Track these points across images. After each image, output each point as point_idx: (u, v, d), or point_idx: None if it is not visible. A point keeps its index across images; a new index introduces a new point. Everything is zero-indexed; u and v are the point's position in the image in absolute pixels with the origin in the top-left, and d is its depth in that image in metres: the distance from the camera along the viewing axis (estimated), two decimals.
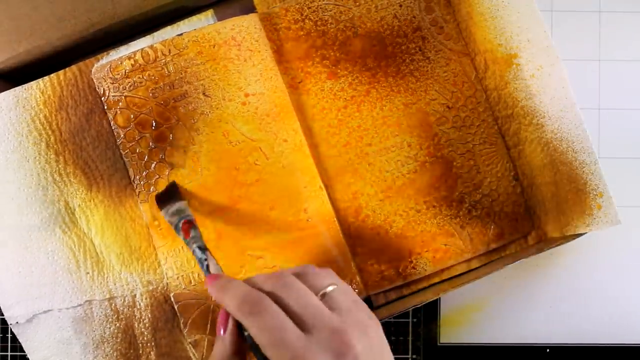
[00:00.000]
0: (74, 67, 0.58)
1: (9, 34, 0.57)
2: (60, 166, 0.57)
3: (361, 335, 0.42)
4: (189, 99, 0.57)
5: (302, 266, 0.47)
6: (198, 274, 0.57)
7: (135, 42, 0.58)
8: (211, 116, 0.57)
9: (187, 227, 0.53)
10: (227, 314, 0.45)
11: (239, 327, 0.44)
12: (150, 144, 0.57)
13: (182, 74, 0.57)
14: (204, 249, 0.51)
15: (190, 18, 0.59)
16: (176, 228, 0.53)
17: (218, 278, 0.47)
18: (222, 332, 0.45)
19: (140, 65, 0.57)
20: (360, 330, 0.42)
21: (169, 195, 0.56)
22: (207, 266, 0.50)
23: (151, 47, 0.57)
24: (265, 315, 0.42)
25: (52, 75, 0.58)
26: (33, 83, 0.57)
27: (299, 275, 0.46)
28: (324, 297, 0.44)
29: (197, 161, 0.57)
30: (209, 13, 0.59)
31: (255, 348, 0.42)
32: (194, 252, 0.51)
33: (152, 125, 0.57)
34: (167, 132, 0.57)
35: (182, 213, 0.54)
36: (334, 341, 0.41)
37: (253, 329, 0.42)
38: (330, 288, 0.45)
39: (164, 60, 0.57)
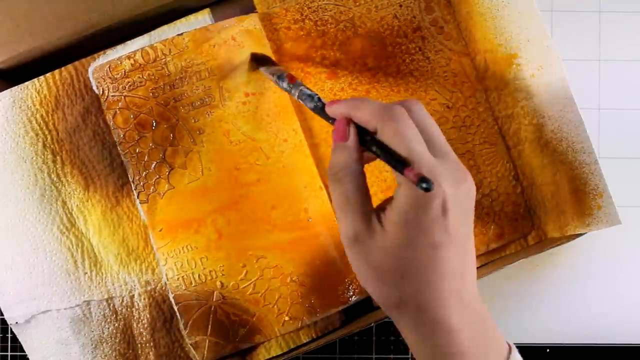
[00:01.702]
0: (69, 67, 0.58)
1: (9, 34, 0.57)
2: (57, 166, 0.57)
3: (470, 178, 0.43)
4: (190, 99, 0.57)
5: (412, 100, 0.46)
6: (199, 275, 0.57)
7: (131, 41, 0.58)
8: (212, 116, 0.57)
9: (290, 75, 0.52)
10: (346, 123, 0.45)
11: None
12: (151, 144, 0.57)
13: (182, 73, 0.57)
14: (310, 91, 0.50)
15: (187, 17, 0.58)
16: (280, 78, 0.53)
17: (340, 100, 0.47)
18: (343, 139, 0.45)
19: (140, 64, 0.57)
20: (470, 174, 0.44)
21: (266, 61, 0.56)
22: (320, 99, 0.49)
23: (151, 46, 0.57)
24: (404, 122, 0.42)
25: (47, 74, 0.57)
26: (29, 83, 0.57)
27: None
28: None
29: (197, 161, 0.57)
30: (206, 12, 0.59)
31: (381, 153, 0.43)
32: (300, 92, 0.50)
33: (152, 125, 0.57)
34: (167, 132, 0.57)
35: (282, 71, 0.54)
36: (458, 172, 0.43)
37: (389, 133, 0.42)
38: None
39: (164, 60, 0.57)
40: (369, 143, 0.44)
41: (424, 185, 0.39)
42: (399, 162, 0.41)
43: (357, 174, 0.44)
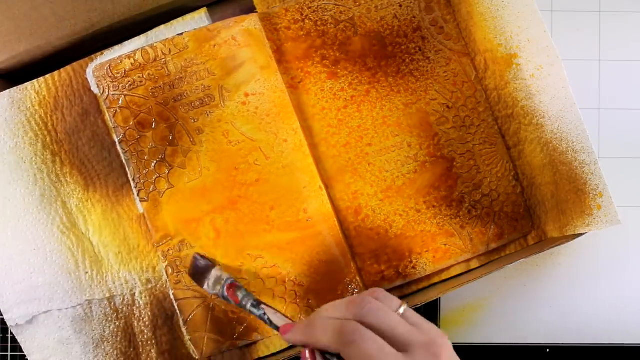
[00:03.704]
0: (68, 68, 0.58)
1: (9, 34, 0.57)
2: (56, 167, 0.57)
3: (443, 345, 0.44)
4: (189, 99, 0.57)
5: (371, 290, 0.48)
6: None
7: (129, 42, 0.58)
8: (211, 116, 0.57)
9: (232, 291, 0.53)
10: (313, 353, 0.46)
11: None
12: (150, 143, 0.57)
13: (182, 73, 0.57)
14: (257, 304, 0.51)
15: (184, 17, 0.59)
16: (224, 298, 0.54)
17: (293, 325, 0.48)
18: None
19: (140, 64, 0.57)
20: (441, 341, 0.44)
21: (200, 269, 0.56)
22: (270, 320, 0.50)
23: (151, 46, 0.57)
24: (364, 342, 0.43)
25: (47, 76, 0.58)
26: (28, 84, 0.57)
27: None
28: (402, 316, 0.46)
29: (197, 161, 0.57)
30: (202, 12, 0.59)
31: None
32: (250, 312, 0.52)
33: (152, 125, 0.57)
34: (167, 132, 0.57)
35: (221, 279, 0.55)
36: (429, 356, 0.43)
37: (353, 356, 0.43)
38: (402, 308, 0.46)
39: (164, 60, 0.57)
40: None
41: None
42: None
43: None
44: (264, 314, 0.51)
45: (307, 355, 0.46)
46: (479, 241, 0.59)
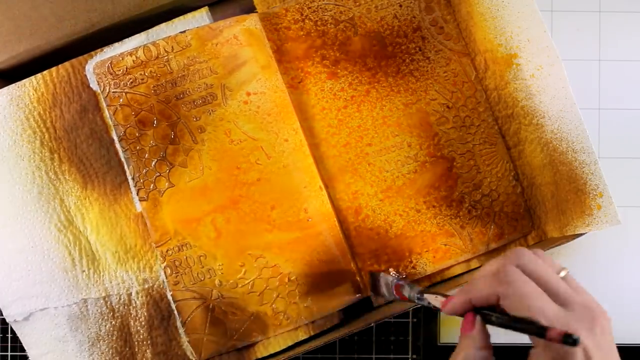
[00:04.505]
0: (67, 64, 0.58)
1: (9, 34, 0.57)
2: (55, 164, 0.57)
3: (601, 314, 0.43)
4: (191, 97, 0.57)
5: (533, 250, 0.46)
6: (197, 273, 0.56)
7: (129, 39, 0.58)
8: (214, 114, 0.57)
9: (398, 289, 0.52)
10: (472, 316, 0.45)
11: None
12: (151, 141, 0.57)
13: (184, 71, 0.57)
14: (420, 294, 0.50)
15: (185, 16, 0.59)
16: (394, 300, 0.53)
17: (452, 297, 0.47)
18: (468, 330, 0.45)
19: (142, 61, 0.57)
20: (599, 310, 0.43)
21: (375, 281, 0.56)
22: (433, 306, 0.49)
23: (154, 43, 0.57)
24: (522, 283, 0.42)
25: (45, 72, 0.57)
26: (26, 80, 0.57)
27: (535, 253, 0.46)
28: (562, 279, 0.45)
29: (198, 159, 0.57)
30: (204, 10, 0.59)
31: (507, 326, 0.43)
32: (419, 303, 0.51)
33: (153, 123, 0.57)
34: (168, 130, 0.57)
35: (390, 282, 0.54)
36: (587, 316, 0.42)
37: (508, 298, 0.42)
38: (563, 272, 0.45)
39: (166, 57, 0.57)
40: (496, 323, 0.44)
41: (571, 340, 0.39)
42: (533, 329, 0.41)
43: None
44: (428, 303, 0.49)
45: (467, 318, 0.45)
46: (479, 241, 0.59)
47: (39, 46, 0.58)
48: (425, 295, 0.50)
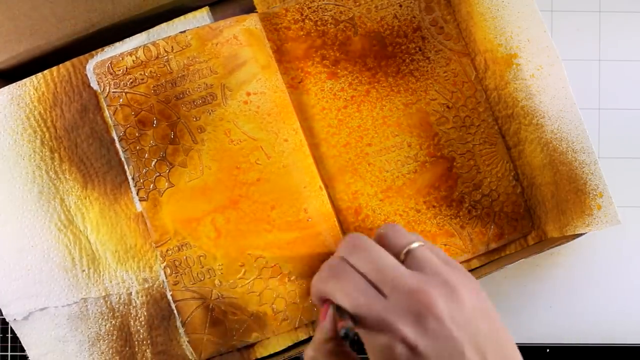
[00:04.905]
0: (67, 64, 0.58)
1: (9, 34, 0.57)
2: (55, 163, 0.57)
3: (448, 295, 0.40)
4: (191, 97, 0.57)
5: (384, 225, 0.45)
6: (197, 273, 0.57)
7: (129, 39, 0.58)
8: (213, 114, 0.57)
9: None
10: (329, 304, 0.44)
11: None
12: (151, 141, 0.57)
13: (184, 71, 0.57)
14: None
15: (185, 16, 0.59)
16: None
17: None
18: (322, 321, 0.44)
19: (142, 61, 0.57)
20: (447, 290, 0.40)
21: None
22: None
23: (153, 43, 0.57)
24: (341, 279, 0.42)
25: (45, 71, 0.57)
26: (27, 80, 0.57)
27: (380, 236, 0.45)
28: (407, 255, 0.43)
29: (198, 159, 0.57)
30: (204, 10, 0.59)
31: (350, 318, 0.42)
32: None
33: (153, 123, 0.57)
34: (168, 130, 0.57)
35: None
36: (412, 302, 0.39)
37: (336, 294, 0.42)
38: (414, 245, 0.43)
39: (166, 57, 0.57)
40: (337, 310, 0.43)
41: (343, 334, 0.39)
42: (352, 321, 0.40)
43: (329, 352, 0.44)
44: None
45: (323, 307, 0.45)
46: (479, 241, 0.59)
47: (39, 46, 0.58)
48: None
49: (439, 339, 0.39)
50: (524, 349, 0.63)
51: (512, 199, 0.59)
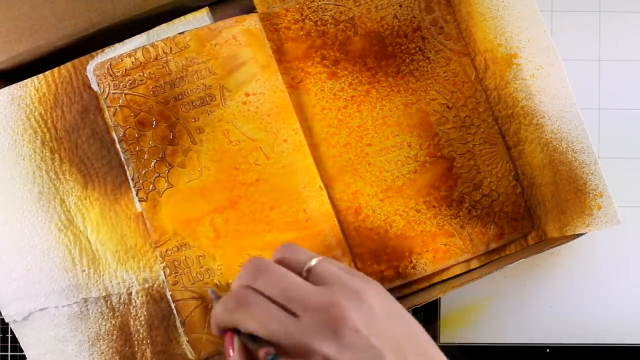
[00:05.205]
0: (68, 65, 0.58)
1: (9, 34, 0.57)
2: (55, 164, 0.57)
3: (356, 303, 0.40)
4: (190, 98, 0.57)
5: (279, 247, 0.44)
6: (196, 273, 0.57)
7: (130, 40, 0.58)
8: (212, 115, 0.57)
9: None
10: (232, 335, 0.43)
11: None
12: (150, 142, 0.57)
13: (183, 72, 0.57)
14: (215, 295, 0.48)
15: (185, 16, 0.59)
16: None
17: None
18: (230, 352, 0.43)
19: (141, 63, 0.57)
20: (354, 298, 0.40)
21: None
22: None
23: (152, 44, 0.57)
24: (250, 307, 0.40)
25: (46, 72, 0.58)
26: (27, 81, 0.57)
27: (278, 259, 0.44)
28: (308, 273, 0.42)
29: (197, 160, 0.57)
30: (204, 11, 0.59)
31: (253, 347, 0.41)
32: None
33: (152, 124, 0.57)
34: (167, 131, 0.57)
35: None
36: (325, 319, 0.39)
37: (247, 323, 0.40)
38: (313, 262, 0.43)
39: (165, 59, 0.57)
40: (246, 340, 0.42)
41: (270, 358, 0.38)
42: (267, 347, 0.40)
43: None
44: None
45: (228, 339, 0.43)
46: (479, 241, 0.59)
47: (39, 46, 0.58)
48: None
49: (359, 350, 0.38)
50: (524, 349, 0.63)
51: (512, 199, 0.59)
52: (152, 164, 0.57)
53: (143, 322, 0.57)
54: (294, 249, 0.44)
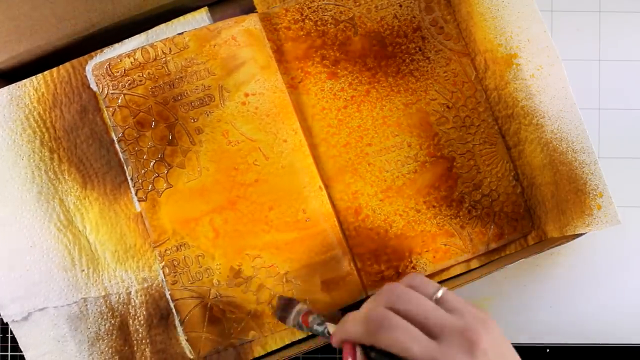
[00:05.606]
0: (67, 65, 0.58)
1: (9, 34, 0.57)
2: (54, 164, 0.57)
3: (484, 329, 0.43)
4: (189, 98, 0.57)
5: (407, 276, 0.48)
6: (195, 273, 0.57)
7: (129, 40, 0.58)
8: (211, 116, 0.57)
9: (305, 318, 0.53)
10: (352, 347, 0.46)
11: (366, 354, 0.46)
12: (149, 142, 0.57)
13: (182, 73, 0.57)
14: (322, 322, 0.51)
15: (184, 16, 0.59)
16: (299, 326, 0.54)
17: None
18: None
19: (140, 63, 0.57)
20: (482, 325, 0.44)
21: (285, 306, 0.56)
22: (328, 332, 0.50)
23: (151, 45, 0.57)
24: (394, 329, 0.43)
25: (45, 72, 0.58)
26: (26, 80, 0.57)
27: (410, 286, 0.47)
28: (438, 302, 0.46)
29: (196, 161, 0.57)
30: (204, 11, 0.59)
31: None
32: (316, 332, 0.52)
33: (152, 124, 0.57)
34: (166, 131, 0.57)
35: (300, 312, 0.54)
36: (463, 342, 0.42)
37: (392, 345, 0.43)
38: (440, 293, 0.46)
39: (164, 59, 0.57)
40: (375, 358, 0.45)
41: None
42: None
43: None
44: (325, 328, 0.51)
45: (347, 349, 0.46)
46: (479, 241, 0.59)
47: (39, 46, 0.58)
48: (327, 324, 0.51)
49: None
50: (524, 348, 0.63)
51: (512, 199, 0.59)
52: (152, 164, 0.57)
53: (142, 322, 0.57)
54: (422, 279, 0.48)
